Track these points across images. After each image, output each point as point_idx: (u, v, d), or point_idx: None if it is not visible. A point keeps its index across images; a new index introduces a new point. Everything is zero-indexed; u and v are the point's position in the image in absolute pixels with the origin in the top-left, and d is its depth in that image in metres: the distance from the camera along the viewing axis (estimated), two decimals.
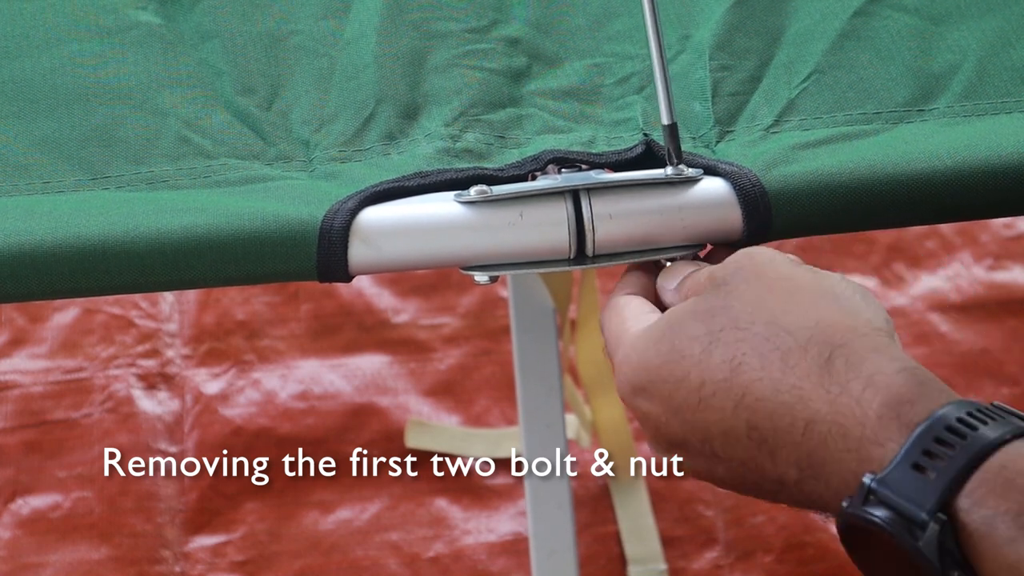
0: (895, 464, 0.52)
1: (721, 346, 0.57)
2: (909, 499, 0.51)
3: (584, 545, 1.28)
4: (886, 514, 0.52)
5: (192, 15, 0.78)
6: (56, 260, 0.64)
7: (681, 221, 0.66)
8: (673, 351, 0.59)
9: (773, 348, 0.56)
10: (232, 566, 1.28)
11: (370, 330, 1.43)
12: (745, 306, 0.58)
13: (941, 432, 0.52)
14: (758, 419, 0.56)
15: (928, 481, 0.51)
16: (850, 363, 0.55)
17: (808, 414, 0.55)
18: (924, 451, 0.52)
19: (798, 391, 0.55)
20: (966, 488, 0.51)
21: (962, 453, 0.51)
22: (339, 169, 0.70)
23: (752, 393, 0.56)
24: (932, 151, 0.66)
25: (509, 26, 0.77)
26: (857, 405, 0.54)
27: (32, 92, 0.74)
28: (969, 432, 0.52)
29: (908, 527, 0.51)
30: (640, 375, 0.60)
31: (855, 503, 0.53)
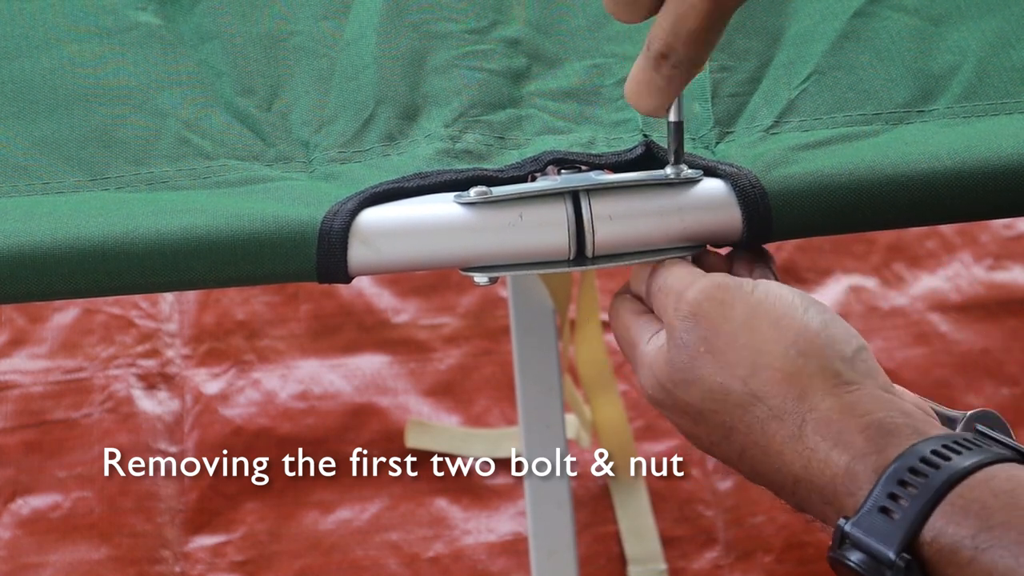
0: (865, 509, 0.55)
1: (708, 413, 0.61)
2: (878, 540, 0.54)
3: (584, 545, 1.28)
4: (859, 556, 0.55)
5: (192, 16, 0.78)
6: (55, 261, 0.64)
7: (681, 222, 0.66)
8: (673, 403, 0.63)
9: (753, 417, 0.59)
10: (232, 566, 1.28)
11: (370, 330, 1.43)
12: (713, 375, 0.60)
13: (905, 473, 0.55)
14: (757, 471, 0.61)
15: (893, 522, 0.54)
16: (819, 427, 0.58)
17: (792, 476, 0.59)
18: (889, 494, 0.55)
19: (780, 456, 0.59)
20: (929, 523, 0.53)
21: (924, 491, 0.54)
22: (339, 170, 0.70)
23: (747, 452, 0.60)
24: (932, 152, 0.66)
25: (509, 27, 0.77)
26: (827, 466, 0.57)
27: (32, 93, 0.74)
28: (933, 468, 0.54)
29: (878, 568, 0.54)
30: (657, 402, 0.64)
31: (834, 546, 0.56)
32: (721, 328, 0.61)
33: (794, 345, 0.59)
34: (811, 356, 0.59)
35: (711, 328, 0.61)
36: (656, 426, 1.36)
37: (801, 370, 0.59)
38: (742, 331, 0.60)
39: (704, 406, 0.61)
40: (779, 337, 0.60)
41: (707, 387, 0.61)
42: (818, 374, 0.59)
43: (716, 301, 0.61)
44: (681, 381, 0.61)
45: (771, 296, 0.61)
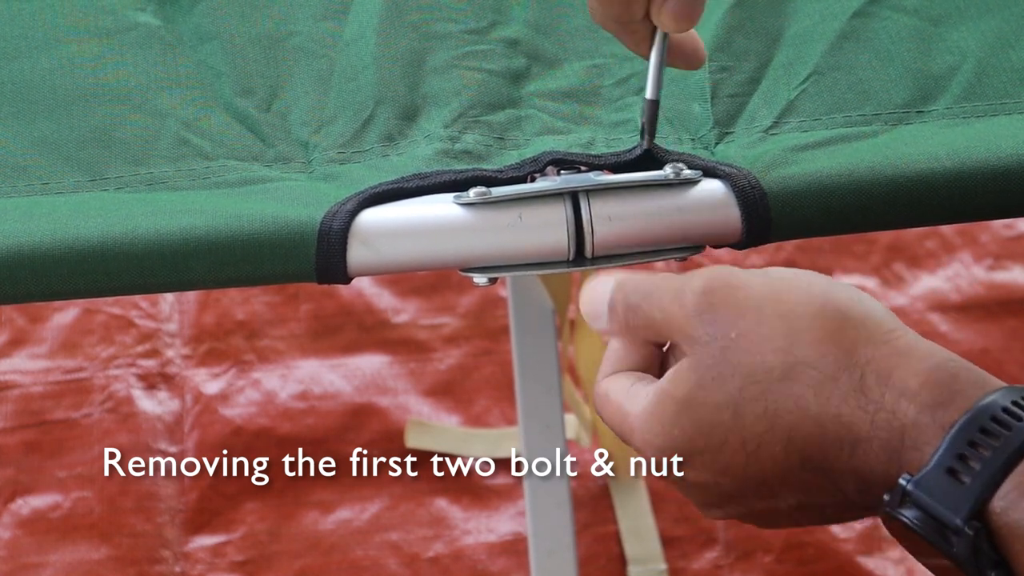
0: (929, 468, 0.52)
1: (749, 403, 0.56)
2: (943, 503, 0.52)
3: (584, 545, 1.28)
4: (919, 517, 0.52)
5: (191, 16, 0.78)
6: (55, 261, 0.64)
7: (680, 223, 0.66)
8: (699, 424, 0.57)
9: (801, 386, 0.55)
10: (232, 566, 1.29)
11: (370, 330, 1.43)
12: (750, 357, 0.56)
13: (976, 433, 0.52)
14: (809, 453, 0.56)
15: (962, 486, 0.52)
16: (880, 378, 0.54)
17: (853, 437, 0.55)
18: (958, 455, 0.52)
19: (838, 418, 0.55)
20: (1000, 490, 0.51)
21: (996, 455, 0.51)
22: (338, 170, 0.70)
23: (798, 433, 0.56)
24: (932, 152, 0.66)
25: (508, 27, 0.77)
26: (894, 417, 0.54)
27: (31, 93, 0.74)
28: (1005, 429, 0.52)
29: (941, 531, 0.52)
30: (672, 451, 0.58)
31: (892, 503, 0.53)
32: (744, 307, 0.56)
33: (826, 306, 0.56)
34: (849, 312, 0.56)
35: (732, 310, 0.57)
36: None
37: (843, 325, 0.56)
38: (767, 304, 0.56)
39: (745, 395, 0.56)
40: (809, 300, 0.56)
41: (746, 372, 0.56)
42: (862, 325, 0.56)
43: (728, 285, 0.57)
44: (716, 379, 0.56)
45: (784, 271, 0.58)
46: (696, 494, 0.60)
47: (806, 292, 0.56)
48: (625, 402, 0.60)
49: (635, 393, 0.60)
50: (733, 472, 0.57)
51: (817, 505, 0.57)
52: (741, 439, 0.56)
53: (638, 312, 0.60)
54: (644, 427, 0.59)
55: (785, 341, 0.56)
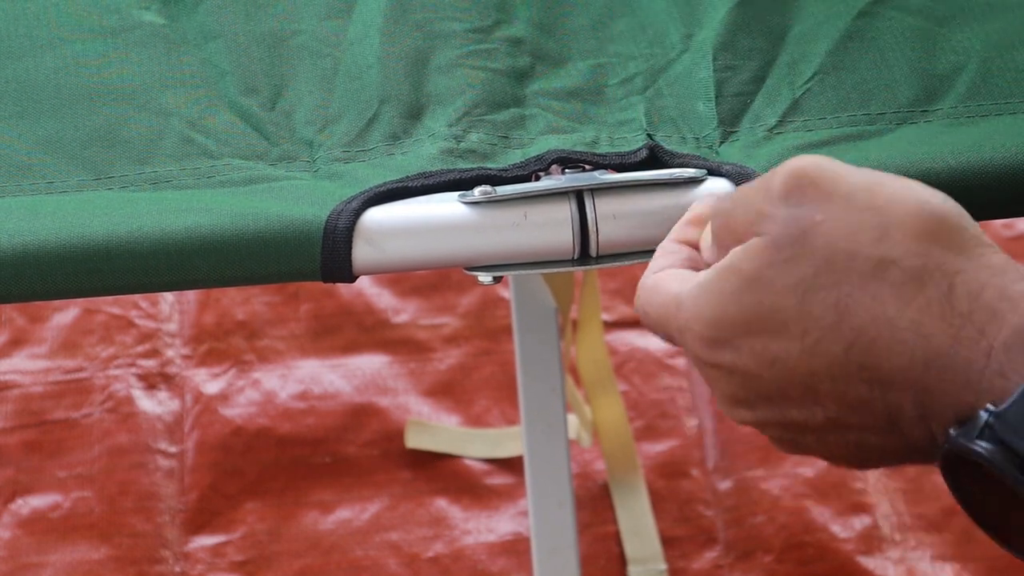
0: (1015, 399, 0.48)
1: (820, 291, 0.51)
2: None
3: (584, 545, 1.28)
4: (998, 450, 0.48)
5: (195, 15, 0.78)
6: (59, 260, 0.64)
7: None
8: (760, 305, 0.53)
9: (883, 284, 0.51)
10: (232, 566, 1.28)
11: (370, 330, 1.43)
12: (832, 243, 0.52)
13: None
14: (873, 359, 0.51)
15: None
16: (972, 289, 0.50)
17: (929, 350, 0.50)
18: None
19: (917, 327, 0.50)
20: None
21: None
22: (343, 169, 0.70)
23: (866, 334, 0.51)
24: (936, 152, 0.66)
25: (512, 26, 0.77)
26: (983, 337, 0.49)
27: (35, 92, 0.74)
28: None
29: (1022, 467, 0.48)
30: (720, 330, 0.54)
31: (967, 433, 0.49)
32: (834, 191, 0.52)
33: (923, 206, 0.51)
34: (946, 214, 0.51)
35: (821, 194, 0.52)
36: (656, 426, 1.36)
37: (939, 228, 0.51)
38: (859, 192, 0.52)
39: (818, 282, 0.51)
40: (905, 196, 0.52)
41: (825, 257, 0.51)
42: (956, 233, 0.51)
43: (820, 168, 0.53)
44: (788, 260, 0.52)
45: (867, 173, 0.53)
46: (730, 386, 0.55)
47: (903, 189, 0.52)
48: (675, 284, 0.56)
49: (689, 278, 0.56)
50: (782, 365, 0.53)
51: (856, 427, 0.53)
52: (802, 328, 0.52)
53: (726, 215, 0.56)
54: (696, 301, 0.55)
55: (873, 234, 0.51)
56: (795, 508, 1.31)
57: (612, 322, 1.43)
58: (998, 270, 0.51)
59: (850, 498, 1.31)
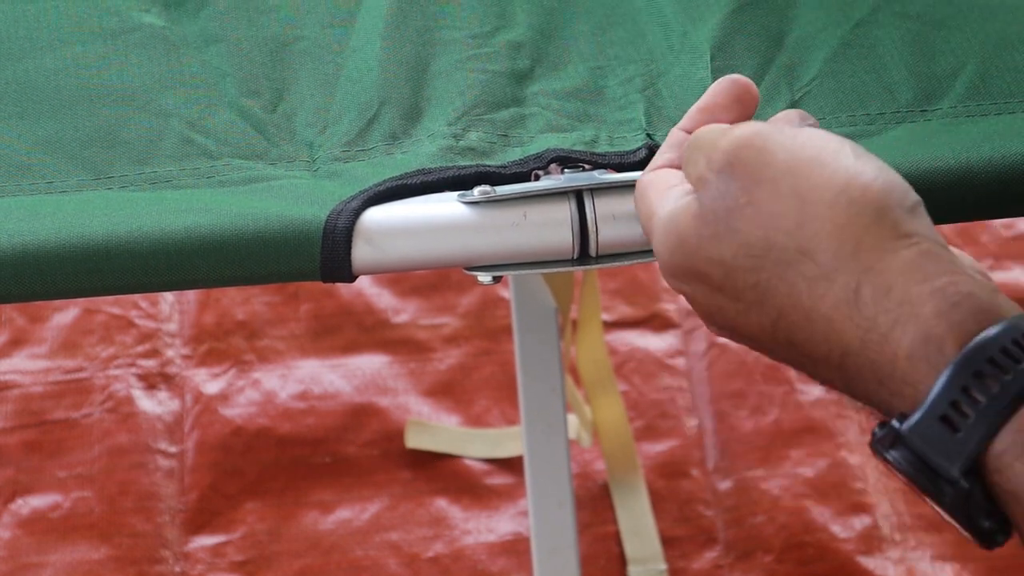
0: (922, 413, 0.49)
1: (741, 272, 0.54)
2: (937, 451, 0.49)
3: (584, 545, 1.28)
4: (911, 461, 0.50)
5: (196, 20, 0.78)
6: (59, 260, 0.64)
7: None
8: (693, 267, 0.56)
9: (797, 275, 0.52)
10: (232, 566, 1.29)
11: (370, 330, 1.43)
12: (752, 228, 0.53)
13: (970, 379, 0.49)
14: (796, 340, 0.53)
15: (956, 435, 0.49)
16: (877, 291, 0.51)
17: (842, 346, 0.52)
18: (951, 401, 0.49)
19: (828, 322, 0.52)
20: (997, 441, 0.48)
21: (994, 402, 0.48)
22: (342, 168, 0.70)
23: (786, 317, 0.53)
24: (935, 152, 0.66)
25: (512, 31, 0.77)
26: (887, 342, 0.50)
27: (35, 93, 0.74)
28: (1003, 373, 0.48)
29: (934, 480, 0.49)
30: (673, 270, 0.57)
31: (883, 442, 0.50)
32: (762, 175, 0.53)
33: (845, 192, 0.52)
34: (866, 204, 0.52)
35: (750, 176, 0.54)
36: (656, 426, 1.36)
37: (854, 220, 0.52)
38: (785, 177, 0.53)
39: (737, 263, 0.54)
40: (828, 183, 0.52)
41: (745, 241, 0.53)
42: (874, 225, 0.52)
43: (754, 148, 0.54)
44: (712, 236, 0.54)
45: (815, 140, 0.54)
46: (698, 309, 0.57)
47: (830, 173, 0.53)
48: (656, 201, 0.59)
49: (668, 196, 0.59)
50: (725, 315, 0.56)
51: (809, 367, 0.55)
52: (733, 295, 0.54)
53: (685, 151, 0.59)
54: (656, 235, 0.58)
55: (792, 223, 0.52)
56: (795, 508, 1.31)
57: (612, 322, 1.43)
58: (910, 267, 0.51)
59: (850, 498, 1.31)
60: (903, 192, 0.53)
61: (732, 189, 0.54)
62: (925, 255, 0.51)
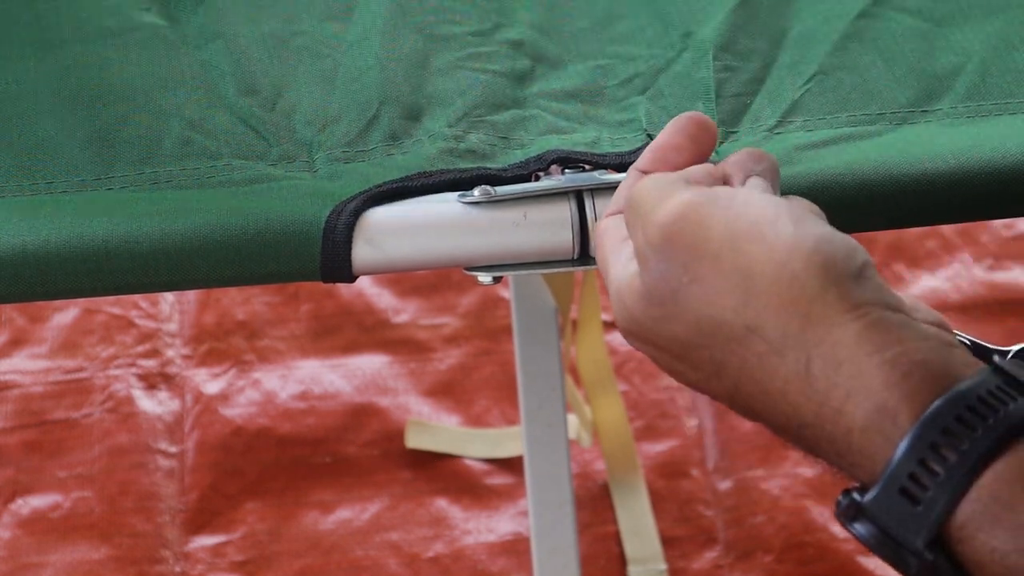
0: (881, 487, 0.49)
1: (695, 348, 0.53)
2: (899, 524, 0.48)
3: (584, 545, 1.28)
4: (876, 536, 0.49)
5: (195, 17, 0.78)
6: (60, 260, 0.64)
7: None
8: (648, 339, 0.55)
9: (748, 352, 0.52)
10: (232, 566, 1.28)
11: (370, 330, 1.43)
12: (699, 306, 0.52)
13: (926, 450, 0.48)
14: (755, 409, 0.53)
15: (917, 507, 0.48)
16: (828, 365, 0.50)
17: (798, 419, 0.51)
18: (909, 474, 0.48)
19: (783, 397, 0.51)
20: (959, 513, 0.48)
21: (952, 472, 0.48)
22: (342, 169, 0.70)
23: (742, 389, 0.53)
24: (936, 152, 0.66)
25: (512, 29, 0.77)
26: (840, 416, 0.50)
27: (35, 94, 0.74)
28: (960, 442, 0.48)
29: (898, 552, 0.49)
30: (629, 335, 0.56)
31: (847, 514, 0.50)
32: (702, 251, 0.52)
33: (787, 265, 0.51)
34: (809, 277, 0.50)
35: (690, 253, 0.52)
36: (656, 426, 1.36)
37: (799, 296, 0.50)
38: (726, 253, 0.52)
39: (690, 340, 0.53)
40: (769, 257, 0.51)
41: (693, 320, 0.52)
42: (819, 297, 0.50)
43: (691, 222, 0.52)
44: (661, 317, 0.53)
45: (753, 208, 0.52)
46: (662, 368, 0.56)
47: (770, 244, 0.51)
48: (609, 256, 0.58)
49: (620, 254, 0.57)
50: (688, 380, 0.55)
51: None
52: (691, 365, 0.54)
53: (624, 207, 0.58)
54: (612, 303, 0.56)
55: (737, 301, 0.52)
56: (795, 508, 1.31)
57: (612, 322, 1.43)
58: (855, 341, 0.50)
59: None
60: (847, 257, 0.51)
61: (673, 269, 0.53)
62: (874, 326, 0.50)
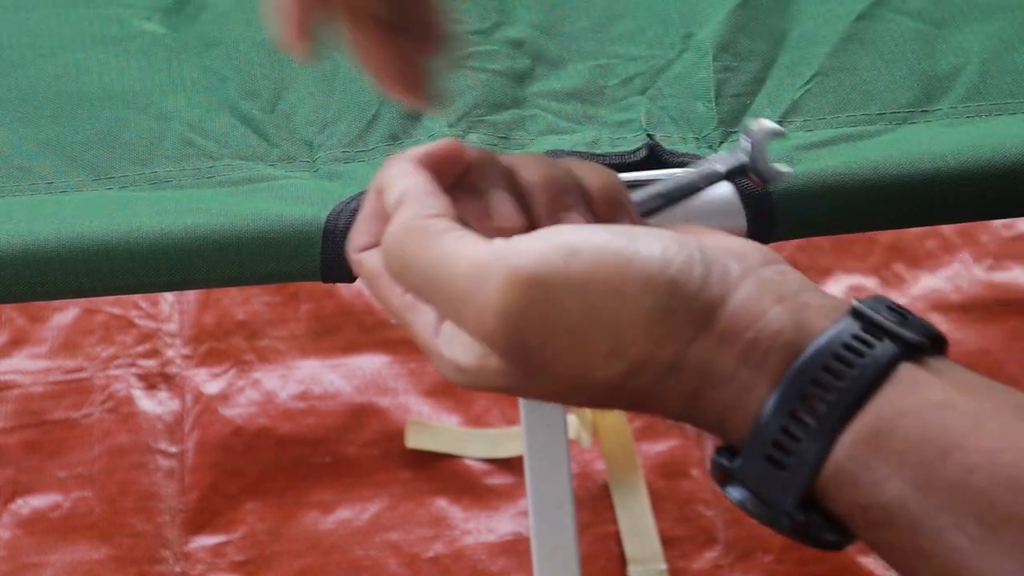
0: (747, 454, 0.50)
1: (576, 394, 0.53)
2: (769, 490, 0.50)
3: (584, 545, 1.28)
4: (748, 499, 0.51)
5: (196, 24, 0.78)
6: (59, 260, 0.64)
7: (684, 222, 0.66)
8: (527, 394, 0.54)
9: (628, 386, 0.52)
10: (232, 566, 1.28)
11: (370, 330, 1.43)
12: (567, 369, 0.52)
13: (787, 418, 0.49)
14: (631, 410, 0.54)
15: (783, 475, 0.49)
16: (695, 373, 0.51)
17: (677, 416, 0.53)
18: (773, 441, 0.50)
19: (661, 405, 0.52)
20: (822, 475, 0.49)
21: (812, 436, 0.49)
22: (343, 169, 0.70)
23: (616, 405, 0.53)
24: (936, 152, 0.66)
25: (512, 28, 0.77)
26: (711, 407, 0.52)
27: (36, 98, 0.74)
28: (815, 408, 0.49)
29: (771, 512, 0.50)
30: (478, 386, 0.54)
31: (719, 479, 0.52)
32: (555, 327, 0.50)
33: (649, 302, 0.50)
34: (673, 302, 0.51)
35: (543, 334, 0.50)
36: (656, 426, 1.36)
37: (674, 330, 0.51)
38: (585, 321, 0.50)
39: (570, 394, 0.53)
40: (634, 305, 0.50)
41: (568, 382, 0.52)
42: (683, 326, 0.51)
43: (537, 305, 0.50)
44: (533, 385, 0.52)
45: (596, 258, 0.51)
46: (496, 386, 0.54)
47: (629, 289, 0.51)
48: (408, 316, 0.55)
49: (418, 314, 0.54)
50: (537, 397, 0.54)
51: None
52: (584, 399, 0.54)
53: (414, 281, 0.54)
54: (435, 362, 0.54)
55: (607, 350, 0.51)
56: None
57: None
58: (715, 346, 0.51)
59: None
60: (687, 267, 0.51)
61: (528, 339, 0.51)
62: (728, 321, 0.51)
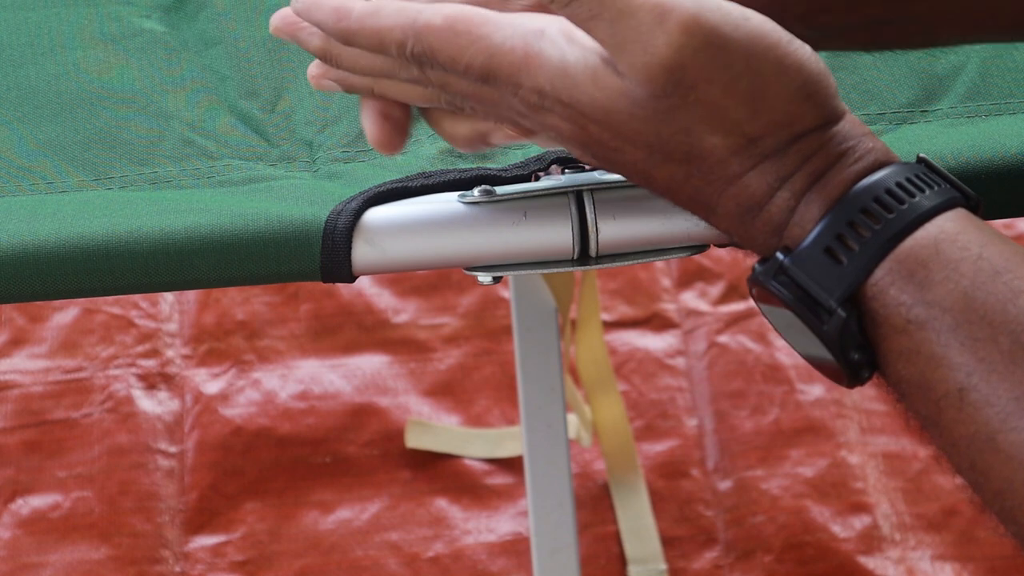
0: (806, 245, 0.52)
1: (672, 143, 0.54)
2: (818, 283, 0.52)
3: (584, 545, 1.28)
4: (793, 293, 0.53)
5: (196, 23, 0.78)
6: (59, 260, 0.64)
7: (685, 222, 0.66)
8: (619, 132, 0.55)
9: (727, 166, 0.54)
10: (232, 566, 1.29)
11: (370, 330, 1.43)
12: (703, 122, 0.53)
13: (858, 213, 0.52)
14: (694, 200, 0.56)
15: (838, 266, 0.52)
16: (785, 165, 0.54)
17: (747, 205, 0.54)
18: (837, 235, 0.52)
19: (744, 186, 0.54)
20: (875, 275, 0.52)
21: (877, 236, 0.52)
22: (343, 169, 0.70)
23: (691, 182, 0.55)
24: (936, 152, 0.66)
25: None
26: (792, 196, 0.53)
27: (36, 97, 0.74)
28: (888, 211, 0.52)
29: (814, 309, 0.52)
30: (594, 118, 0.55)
31: (767, 273, 0.53)
32: (718, 76, 0.52)
33: (800, 80, 0.53)
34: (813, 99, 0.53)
35: (704, 77, 0.52)
36: (656, 426, 1.36)
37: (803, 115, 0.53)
38: (741, 78, 0.52)
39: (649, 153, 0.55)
40: (786, 80, 0.53)
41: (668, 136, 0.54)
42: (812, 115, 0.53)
43: (705, 52, 0.52)
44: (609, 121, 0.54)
45: (763, 29, 0.52)
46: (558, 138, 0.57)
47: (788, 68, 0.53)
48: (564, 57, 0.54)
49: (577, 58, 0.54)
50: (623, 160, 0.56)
51: None
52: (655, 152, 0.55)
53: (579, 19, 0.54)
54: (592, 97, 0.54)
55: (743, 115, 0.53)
56: (795, 508, 1.31)
57: (612, 322, 1.43)
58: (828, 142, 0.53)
59: (850, 498, 1.31)
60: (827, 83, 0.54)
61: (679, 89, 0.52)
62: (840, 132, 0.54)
